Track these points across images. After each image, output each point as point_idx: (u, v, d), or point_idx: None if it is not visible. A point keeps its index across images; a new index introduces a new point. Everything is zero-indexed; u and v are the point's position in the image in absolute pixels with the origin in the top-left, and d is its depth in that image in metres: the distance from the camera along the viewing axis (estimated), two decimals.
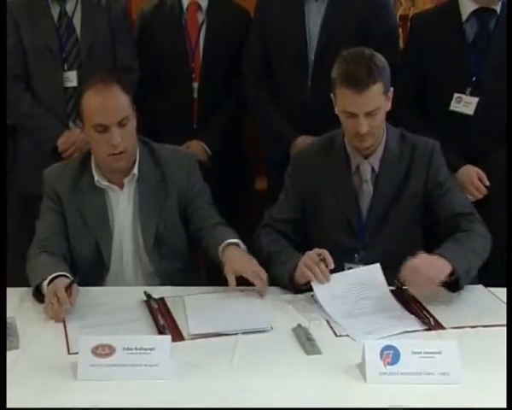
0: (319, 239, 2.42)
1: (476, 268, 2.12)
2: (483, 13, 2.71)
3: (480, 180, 2.70)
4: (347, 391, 1.69)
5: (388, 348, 1.74)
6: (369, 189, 2.39)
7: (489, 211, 2.56)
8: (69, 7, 2.96)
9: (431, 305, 2.09)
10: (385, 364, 1.73)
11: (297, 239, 2.45)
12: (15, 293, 2.21)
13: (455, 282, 2.07)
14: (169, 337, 1.82)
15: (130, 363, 1.74)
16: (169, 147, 2.51)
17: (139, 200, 2.40)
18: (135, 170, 2.38)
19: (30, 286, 2.21)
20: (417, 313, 2.06)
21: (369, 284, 2.16)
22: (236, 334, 1.95)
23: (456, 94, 2.73)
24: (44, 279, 2.14)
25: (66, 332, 1.98)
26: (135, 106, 2.37)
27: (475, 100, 2.71)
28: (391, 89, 2.31)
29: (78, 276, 2.18)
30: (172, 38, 3.12)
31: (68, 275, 2.17)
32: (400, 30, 3.27)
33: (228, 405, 1.64)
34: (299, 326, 1.99)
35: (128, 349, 1.76)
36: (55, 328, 2.01)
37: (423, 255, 2.07)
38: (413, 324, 2.00)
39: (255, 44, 3.04)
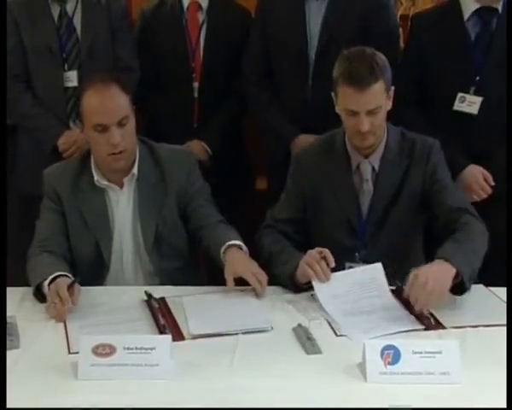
0: (320, 239, 2.42)
1: (477, 268, 2.12)
2: (485, 12, 2.71)
3: (485, 180, 2.70)
4: (348, 391, 1.69)
5: (389, 348, 1.74)
6: (370, 188, 2.39)
7: (492, 210, 2.56)
8: (69, 7, 2.96)
9: None
10: (385, 363, 1.72)
11: (299, 239, 2.45)
12: (16, 292, 2.21)
13: (459, 285, 2.05)
14: (169, 337, 1.82)
15: (130, 363, 1.74)
16: (168, 146, 2.51)
17: (139, 199, 2.40)
18: (134, 169, 2.38)
19: (30, 286, 2.21)
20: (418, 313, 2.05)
21: (370, 284, 2.15)
22: (237, 334, 1.95)
23: (459, 93, 2.72)
24: (45, 279, 2.14)
25: (66, 332, 1.98)
26: (135, 106, 2.37)
27: (479, 99, 2.70)
28: (392, 88, 2.32)
29: (78, 276, 2.18)
30: (173, 38, 3.12)
31: (69, 275, 2.18)
32: (401, 29, 3.27)
33: (228, 405, 1.64)
34: (299, 326, 1.98)
35: (128, 349, 1.75)
36: (56, 328, 2.01)
37: (425, 268, 2.01)
38: (412, 323, 2.00)
39: (256, 44, 3.04)
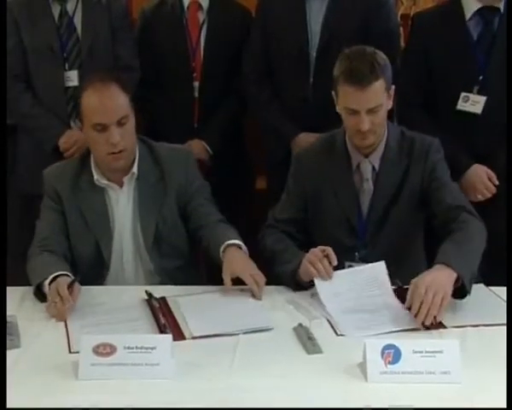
0: (320, 238, 2.42)
1: (476, 269, 2.11)
2: (487, 12, 2.70)
3: (490, 179, 2.69)
4: (348, 390, 1.69)
5: (389, 348, 1.74)
6: (370, 187, 2.39)
7: (494, 210, 2.55)
8: (70, 6, 2.96)
9: None
10: (386, 363, 1.72)
11: (300, 238, 2.45)
12: (16, 292, 2.21)
13: (460, 289, 2.03)
14: (170, 337, 1.81)
15: (131, 362, 1.74)
16: (168, 145, 2.51)
17: (139, 198, 2.40)
18: (134, 168, 2.38)
19: (30, 285, 2.21)
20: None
21: (373, 282, 2.15)
22: (237, 334, 1.95)
23: (463, 93, 2.71)
24: (46, 278, 2.14)
25: (67, 331, 1.98)
26: (136, 105, 2.37)
27: (483, 99, 2.69)
28: (392, 87, 2.32)
29: (79, 275, 2.18)
30: (173, 38, 3.12)
31: (69, 274, 2.18)
32: (401, 29, 3.27)
33: (229, 405, 1.64)
34: (300, 326, 1.98)
35: (129, 348, 1.75)
36: (56, 327, 2.01)
37: (425, 276, 1.99)
38: (413, 322, 1.98)
39: (256, 43, 3.04)
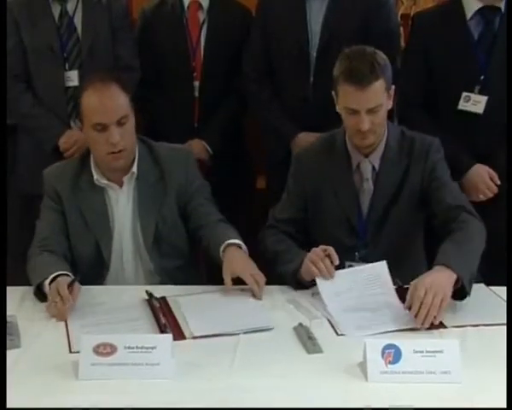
0: (320, 238, 2.42)
1: (476, 269, 2.10)
2: (487, 11, 2.69)
3: (491, 179, 2.69)
4: (348, 390, 1.69)
5: (390, 347, 1.74)
6: (370, 187, 2.39)
7: (495, 210, 2.55)
8: (70, 6, 2.96)
9: None
10: (386, 363, 1.72)
11: (301, 239, 2.45)
12: (16, 292, 2.21)
13: (460, 290, 2.03)
14: (170, 336, 1.81)
15: (131, 362, 1.74)
16: (167, 145, 2.51)
17: (138, 198, 2.40)
18: (134, 168, 2.38)
19: (31, 285, 2.21)
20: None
21: (374, 281, 2.15)
22: (238, 334, 1.95)
23: (464, 93, 2.71)
24: (46, 278, 2.14)
25: (67, 331, 1.98)
26: (136, 105, 2.37)
27: (484, 98, 2.68)
28: (392, 87, 2.32)
29: (79, 274, 2.18)
30: (173, 37, 3.12)
31: (69, 274, 2.18)
32: (402, 29, 3.26)
33: (229, 404, 1.64)
34: (300, 325, 1.98)
35: (129, 348, 1.75)
36: (57, 327, 2.01)
37: (425, 277, 1.99)
38: (413, 322, 1.97)
39: (256, 42, 3.03)
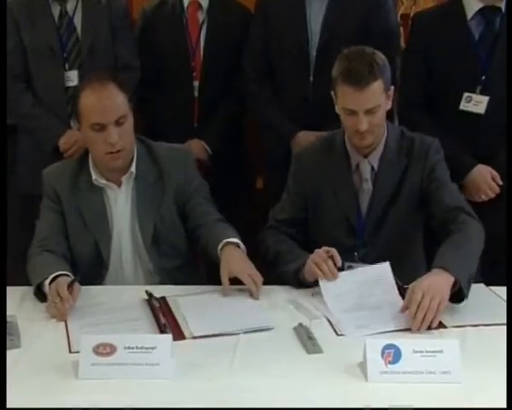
0: (319, 238, 2.42)
1: (474, 272, 2.09)
2: (488, 11, 2.69)
3: (493, 179, 2.69)
4: (348, 390, 1.69)
5: (389, 347, 1.74)
6: (369, 187, 2.39)
7: (496, 210, 2.55)
8: (70, 6, 2.97)
9: None
10: (386, 363, 1.72)
11: (301, 239, 2.45)
12: (16, 292, 2.21)
13: (457, 293, 2.03)
14: (170, 336, 1.81)
15: (131, 362, 1.74)
16: (166, 145, 2.51)
17: (137, 198, 2.40)
18: (132, 168, 2.38)
19: (30, 285, 2.21)
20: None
21: (377, 283, 2.14)
22: (238, 334, 1.95)
23: (465, 93, 2.70)
24: (46, 278, 2.14)
25: (67, 331, 1.98)
26: (136, 105, 2.37)
27: (486, 99, 2.68)
28: (391, 87, 2.31)
29: (79, 275, 2.18)
30: (173, 37, 3.12)
31: (69, 274, 2.18)
32: (402, 29, 3.26)
33: (229, 404, 1.64)
34: (300, 325, 1.98)
35: (129, 348, 1.75)
36: (56, 327, 2.01)
37: (423, 280, 1.99)
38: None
39: (256, 42, 3.03)
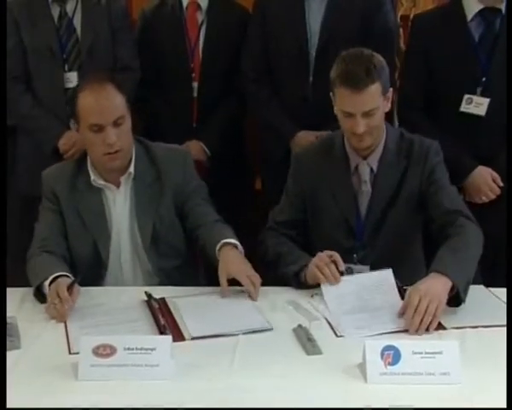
0: (318, 239, 2.43)
1: (472, 276, 2.09)
2: (488, 13, 2.69)
3: (494, 181, 2.70)
4: (348, 391, 1.69)
5: (389, 349, 1.74)
6: (368, 189, 2.39)
7: (497, 211, 2.55)
8: (69, 7, 2.97)
9: None
10: (385, 364, 1.72)
11: (301, 241, 2.45)
12: (16, 293, 2.21)
13: (455, 297, 2.03)
14: (170, 338, 1.82)
15: (130, 363, 1.74)
16: (164, 145, 2.51)
17: (135, 198, 2.40)
18: (131, 169, 2.38)
19: (30, 286, 2.21)
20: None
21: (378, 287, 2.14)
22: (237, 334, 1.95)
23: (466, 95, 2.70)
24: (46, 279, 2.14)
25: (66, 332, 1.98)
26: (135, 105, 2.37)
27: (486, 100, 2.68)
28: (390, 89, 2.31)
29: (79, 276, 2.18)
30: (172, 38, 3.13)
31: (69, 275, 2.18)
32: (401, 30, 3.26)
33: (228, 405, 1.64)
34: (299, 327, 1.98)
35: (129, 349, 1.75)
36: (56, 328, 2.01)
37: (420, 285, 1.99)
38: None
39: (254, 42, 3.03)
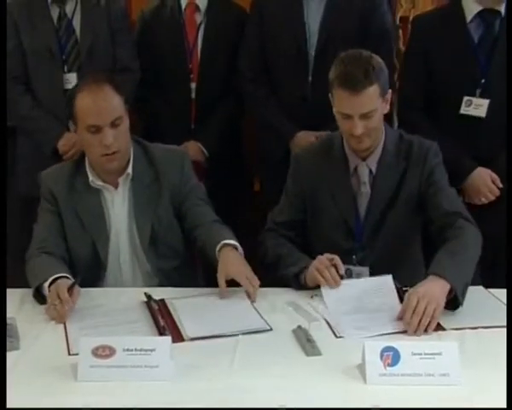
0: (318, 240, 2.43)
1: (471, 279, 2.09)
2: (487, 14, 2.69)
3: (493, 182, 2.70)
4: (347, 392, 1.69)
5: (388, 350, 1.74)
6: (367, 190, 2.39)
7: (497, 213, 2.55)
8: (69, 8, 2.97)
9: None
10: (385, 365, 1.72)
11: (300, 242, 2.45)
12: (16, 294, 2.22)
13: (453, 300, 2.03)
14: (169, 338, 1.82)
15: (130, 364, 1.74)
16: (162, 146, 2.51)
17: (134, 199, 2.40)
18: (129, 169, 2.38)
19: (30, 287, 2.21)
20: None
21: (377, 291, 2.14)
22: (236, 335, 1.95)
23: (465, 97, 2.70)
24: (45, 280, 2.14)
25: (66, 333, 1.98)
26: (134, 106, 2.36)
27: (486, 102, 2.68)
28: (389, 91, 2.31)
29: (79, 277, 2.18)
30: (171, 39, 3.13)
31: (69, 276, 2.18)
32: (401, 31, 3.27)
33: (228, 405, 1.64)
34: (299, 328, 1.99)
35: (128, 350, 1.75)
36: (56, 329, 2.02)
37: (419, 287, 1.99)
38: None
39: (252, 41, 3.03)
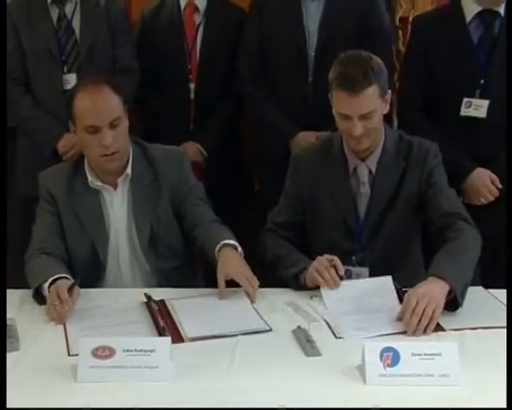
0: (317, 241, 2.43)
1: (470, 280, 2.09)
2: (487, 15, 2.69)
3: (493, 183, 2.70)
4: (347, 393, 1.69)
5: (388, 350, 1.74)
6: (367, 191, 2.39)
7: (496, 213, 2.55)
8: (68, 9, 2.97)
9: None
10: (385, 365, 1.72)
11: (299, 243, 2.45)
12: (15, 295, 2.22)
13: (453, 301, 2.04)
14: (169, 339, 1.82)
15: (130, 365, 1.74)
16: (161, 147, 2.51)
17: (133, 199, 2.40)
18: (128, 170, 2.38)
19: (30, 288, 2.21)
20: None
21: (377, 292, 2.14)
22: (236, 335, 1.95)
23: (465, 98, 2.70)
24: (45, 281, 2.14)
25: (66, 334, 1.98)
26: (135, 106, 2.36)
27: (486, 103, 2.69)
28: (388, 91, 2.31)
29: (79, 277, 2.18)
30: (170, 39, 3.13)
31: (69, 277, 2.18)
32: (400, 32, 3.27)
33: (228, 406, 1.64)
34: (298, 328, 1.99)
35: (128, 351, 1.75)
36: (55, 330, 2.02)
37: (418, 288, 2.00)
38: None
39: (251, 42, 3.03)
